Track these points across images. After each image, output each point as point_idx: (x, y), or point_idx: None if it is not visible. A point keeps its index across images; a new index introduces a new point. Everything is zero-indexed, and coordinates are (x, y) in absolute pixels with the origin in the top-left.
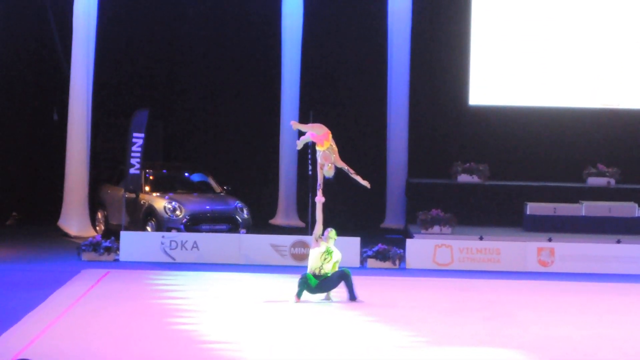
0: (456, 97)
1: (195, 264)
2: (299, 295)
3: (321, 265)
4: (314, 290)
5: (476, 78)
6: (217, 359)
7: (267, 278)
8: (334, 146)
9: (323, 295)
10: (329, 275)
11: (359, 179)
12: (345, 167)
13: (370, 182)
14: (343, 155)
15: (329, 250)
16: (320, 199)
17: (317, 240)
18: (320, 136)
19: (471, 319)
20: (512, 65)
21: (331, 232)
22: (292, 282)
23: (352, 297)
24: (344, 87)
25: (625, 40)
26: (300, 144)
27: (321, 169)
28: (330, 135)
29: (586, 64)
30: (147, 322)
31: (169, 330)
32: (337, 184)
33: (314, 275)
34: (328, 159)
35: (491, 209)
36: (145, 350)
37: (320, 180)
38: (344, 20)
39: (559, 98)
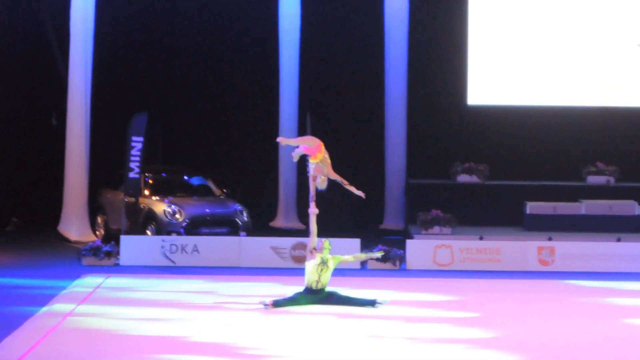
0: (454, 97)
1: (195, 267)
2: (277, 304)
3: (318, 278)
4: (316, 302)
5: (474, 78)
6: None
7: (267, 281)
8: (327, 158)
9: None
10: (325, 289)
11: (352, 189)
12: (339, 179)
13: (368, 182)
14: (341, 157)
15: (324, 260)
16: (313, 210)
17: (311, 252)
18: (312, 148)
19: (473, 319)
20: (510, 65)
21: (325, 243)
22: (292, 286)
23: (371, 303)
24: (341, 88)
25: (623, 38)
26: (296, 157)
27: (313, 180)
28: (323, 147)
29: (584, 62)
30: (149, 327)
31: (168, 338)
32: (337, 190)
33: (311, 290)
34: (321, 171)
35: (491, 209)
36: (147, 355)
37: (312, 192)
38: (341, 22)
39: (558, 97)
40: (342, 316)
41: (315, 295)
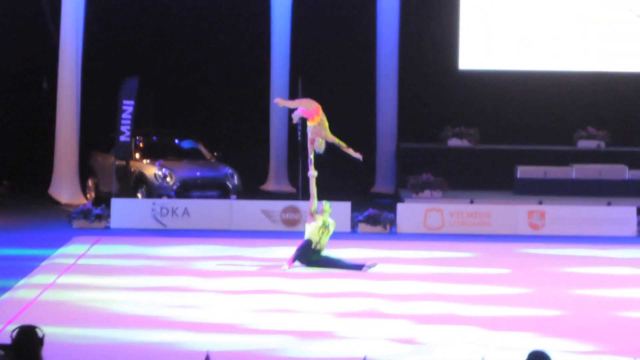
0: (446, 61)
1: (186, 230)
2: (297, 259)
3: (319, 240)
4: (310, 263)
5: (465, 43)
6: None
7: (259, 246)
8: (325, 121)
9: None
10: (323, 251)
11: (350, 151)
12: (336, 142)
13: (359, 147)
14: (333, 120)
15: (325, 223)
16: (312, 173)
17: (312, 215)
18: (310, 111)
19: (462, 279)
20: (501, 30)
21: (326, 205)
22: (284, 247)
23: (359, 267)
24: (333, 52)
25: (614, 3)
26: (295, 118)
27: (312, 143)
28: (321, 110)
29: (575, 27)
30: (128, 299)
31: (155, 301)
32: (328, 154)
33: (310, 250)
34: (319, 133)
35: (482, 173)
36: (133, 319)
37: (311, 155)
38: None
39: (548, 62)
40: (335, 276)
41: (312, 256)
